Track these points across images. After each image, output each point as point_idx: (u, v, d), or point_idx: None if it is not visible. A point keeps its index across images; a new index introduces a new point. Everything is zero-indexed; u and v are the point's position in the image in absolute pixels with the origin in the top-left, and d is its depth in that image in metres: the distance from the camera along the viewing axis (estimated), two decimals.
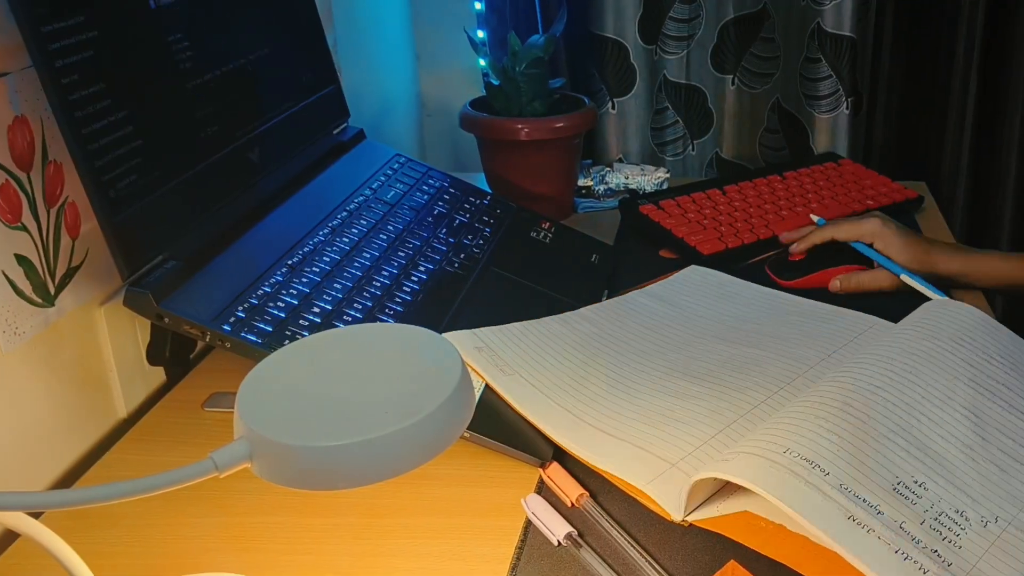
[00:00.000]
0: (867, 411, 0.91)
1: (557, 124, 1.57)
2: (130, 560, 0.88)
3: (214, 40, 1.16)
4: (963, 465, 0.88)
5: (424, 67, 2.14)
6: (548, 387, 1.04)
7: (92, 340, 1.07)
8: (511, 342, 1.11)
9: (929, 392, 0.95)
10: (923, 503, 0.82)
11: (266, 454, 0.63)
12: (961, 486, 0.86)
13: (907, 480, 0.84)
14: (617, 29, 1.93)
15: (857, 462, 0.84)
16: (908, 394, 0.94)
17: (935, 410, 0.93)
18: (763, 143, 2.09)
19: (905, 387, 0.95)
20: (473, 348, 1.07)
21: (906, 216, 1.61)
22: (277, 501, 0.94)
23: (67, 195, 1.01)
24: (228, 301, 1.03)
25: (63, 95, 0.92)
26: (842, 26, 1.86)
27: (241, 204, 1.16)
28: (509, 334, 1.12)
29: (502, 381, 1.03)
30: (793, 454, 0.83)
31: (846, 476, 0.82)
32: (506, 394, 1.02)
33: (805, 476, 0.81)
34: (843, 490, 0.81)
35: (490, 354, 1.07)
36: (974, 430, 0.92)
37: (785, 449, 0.84)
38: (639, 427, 0.98)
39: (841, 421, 0.88)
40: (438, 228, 1.30)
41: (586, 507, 0.91)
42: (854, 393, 0.93)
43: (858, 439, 0.87)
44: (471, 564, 0.86)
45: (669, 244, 1.50)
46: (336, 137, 1.42)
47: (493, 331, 1.12)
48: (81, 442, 1.07)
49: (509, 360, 1.07)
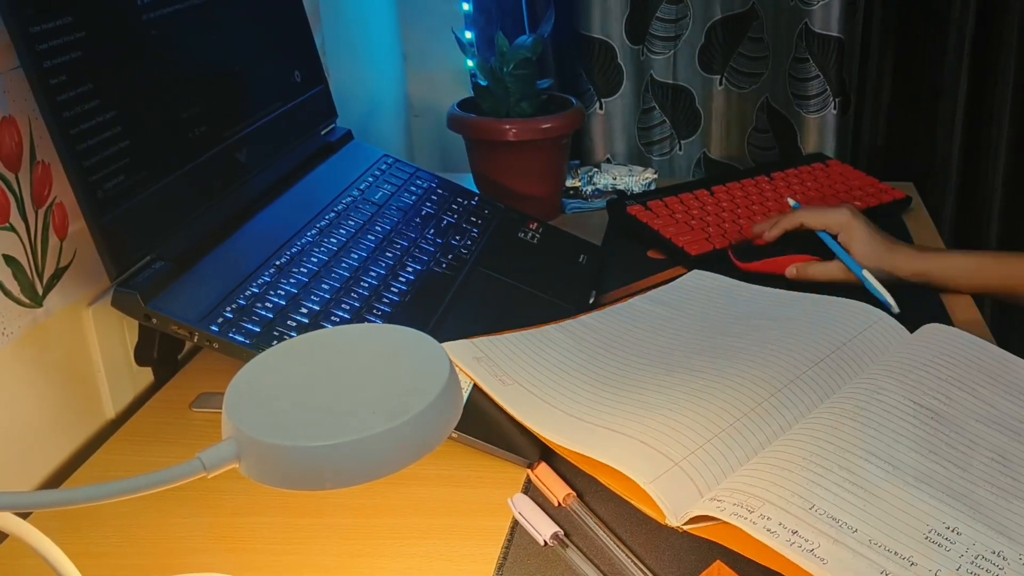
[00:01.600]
0: (892, 461, 0.89)
1: (545, 125, 1.57)
2: (118, 560, 0.88)
3: (202, 41, 1.16)
4: (995, 506, 0.86)
5: (412, 68, 2.14)
6: (549, 394, 1.03)
7: (80, 340, 1.07)
8: (510, 351, 1.10)
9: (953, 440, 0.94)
10: (958, 548, 0.80)
11: (254, 454, 0.63)
12: (996, 527, 0.83)
13: (939, 527, 0.82)
14: (604, 29, 1.93)
15: (885, 515, 0.83)
16: (933, 442, 0.93)
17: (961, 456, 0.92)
18: (751, 143, 2.10)
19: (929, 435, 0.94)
20: (472, 359, 1.06)
21: (894, 217, 1.62)
22: (265, 501, 0.94)
23: (55, 196, 1.01)
24: (216, 302, 1.03)
25: (51, 96, 0.92)
26: (830, 26, 1.86)
27: (229, 205, 1.16)
28: (508, 343, 1.11)
29: (502, 392, 1.02)
30: (819, 511, 0.82)
31: (875, 531, 0.81)
32: (507, 405, 1.01)
33: (833, 535, 0.80)
34: (873, 545, 0.80)
35: (489, 364, 1.06)
36: (1003, 472, 0.91)
37: (811, 506, 0.83)
38: (642, 422, 0.96)
39: (866, 472, 0.88)
40: (426, 229, 1.30)
41: (573, 507, 0.91)
42: (877, 442, 0.92)
43: (885, 491, 0.86)
44: (458, 564, 0.86)
45: (657, 245, 1.50)
46: (324, 138, 1.42)
47: (492, 341, 1.10)
48: (69, 442, 1.07)
49: (509, 370, 1.06)
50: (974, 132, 2.03)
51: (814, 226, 1.38)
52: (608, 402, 1.01)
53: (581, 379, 1.06)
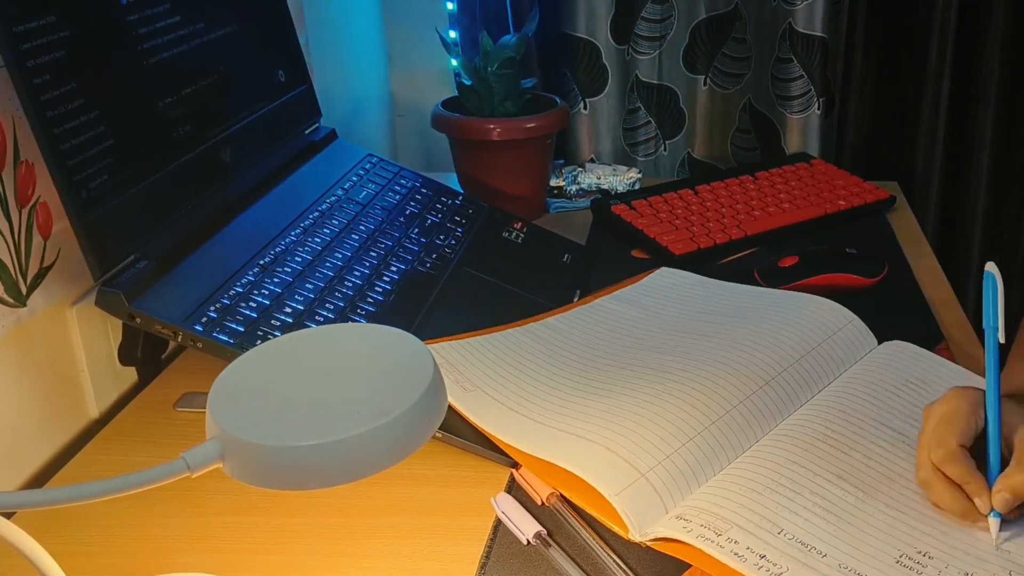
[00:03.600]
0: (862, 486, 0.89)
1: (529, 124, 1.57)
2: (102, 560, 0.88)
3: (186, 40, 1.16)
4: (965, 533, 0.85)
5: (396, 67, 2.13)
6: (512, 399, 1.02)
7: (64, 340, 1.07)
8: (473, 356, 1.09)
9: None
10: (929, 571, 0.80)
11: (238, 454, 0.63)
12: (968, 550, 0.83)
13: (911, 552, 0.82)
14: (589, 29, 1.93)
15: (856, 539, 0.83)
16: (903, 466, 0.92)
17: None
18: (735, 143, 2.10)
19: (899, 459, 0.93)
20: None
21: (878, 217, 1.62)
22: (249, 501, 0.94)
23: (39, 195, 1.01)
24: (200, 301, 1.03)
25: (35, 95, 0.92)
26: (814, 26, 1.87)
27: (213, 204, 1.16)
28: (471, 348, 1.10)
29: (463, 399, 1.01)
30: (788, 536, 0.82)
31: (845, 556, 0.81)
32: (467, 412, 1.00)
33: (802, 560, 0.80)
34: (843, 569, 0.79)
35: (450, 370, 1.05)
36: None
37: (780, 530, 0.83)
38: (609, 427, 0.95)
39: (836, 496, 0.87)
40: (410, 228, 1.30)
41: (556, 506, 0.92)
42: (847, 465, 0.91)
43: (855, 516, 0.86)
44: (442, 563, 0.87)
45: (641, 244, 1.50)
46: (308, 137, 1.42)
47: (454, 346, 1.10)
48: (53, 442, 1.06)
49: (471, 376, 1.06)
50: (958, 131, 2.04)
51: None
52: (573, 406, 1.00)
53: (545, 383, 1.05)
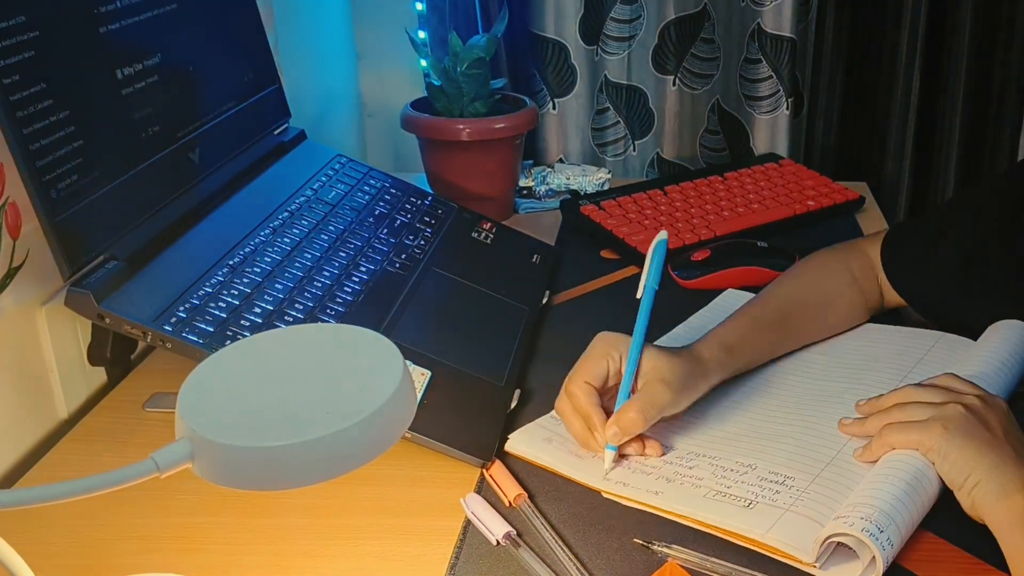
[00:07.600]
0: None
1: (498, 124, 1.58)
2: (71, 561, 0.88)
3: (156, 40, 1.15)
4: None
5: (365, 67, 2.14)
6: (635, 461, 0.99)
7: (33, 340, 1.07)
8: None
9: None
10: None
11: (207, 454, 0.63)
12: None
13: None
14: (558, 29, 1.93)
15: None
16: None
17: None
18: (704, 144, 2.11)
19: None
20: (542, 441, 1.02)
21: (847, 217, 1.63)
22: (218, 501, 0.94)
23: (8, 195, 1.01)
24: (169, 301, 1.02)
25: (4, 95, 0.91)
26: (782, 27, 1.88)
27: (182, 204, 1.16)
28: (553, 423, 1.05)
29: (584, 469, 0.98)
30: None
31: None
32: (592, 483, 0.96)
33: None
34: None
35: (561, 443, 1.02)
36: None
37: None
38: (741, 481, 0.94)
39: None
40: (379, 228, 1.31)
41: (523, 508, 0.92)
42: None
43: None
44: (411, 564, 0.87)
45: (610, 244, 1.51)
46: (277, 137, 1.42)
47: (556, 418, 1.04)
48: (21, 443, 1.06)
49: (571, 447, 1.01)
50: (927, 132, 2.06)
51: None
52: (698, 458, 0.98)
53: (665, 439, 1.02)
